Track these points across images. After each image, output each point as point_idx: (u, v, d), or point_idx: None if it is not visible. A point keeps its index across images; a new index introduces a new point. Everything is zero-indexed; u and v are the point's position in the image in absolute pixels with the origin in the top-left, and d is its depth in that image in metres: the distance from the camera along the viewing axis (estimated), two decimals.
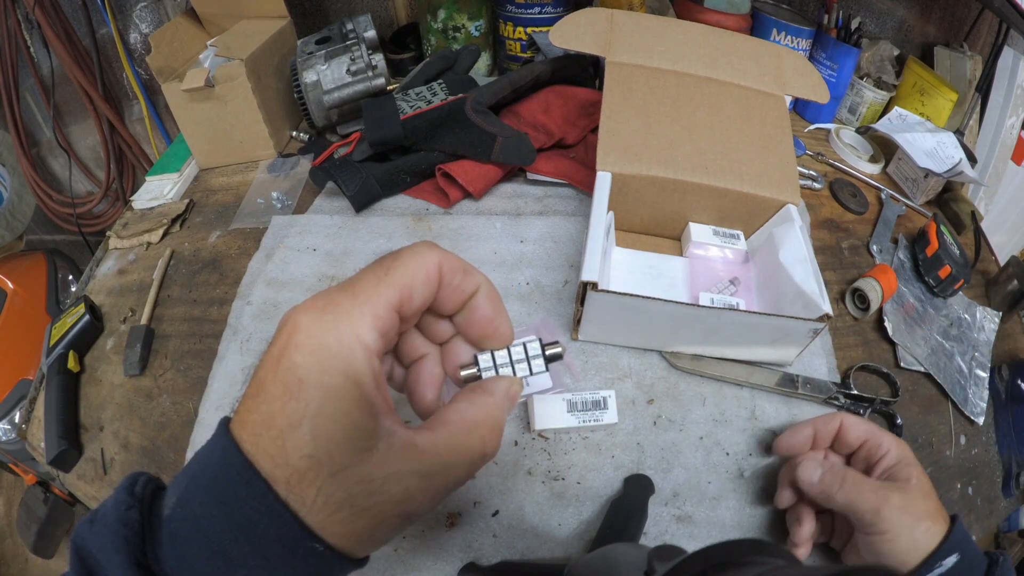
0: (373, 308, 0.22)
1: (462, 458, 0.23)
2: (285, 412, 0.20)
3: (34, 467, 0.95)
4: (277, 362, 0.21)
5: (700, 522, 0.46)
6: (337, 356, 0.20)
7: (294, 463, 0.20)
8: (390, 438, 0.21)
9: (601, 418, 0.48)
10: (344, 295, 0.22)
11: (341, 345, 0.21)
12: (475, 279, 0.26)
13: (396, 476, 0.21)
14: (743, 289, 0.57)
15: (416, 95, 0.70)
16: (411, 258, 0.24)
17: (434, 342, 0.29)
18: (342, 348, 0.21)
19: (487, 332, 0.27)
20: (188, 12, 0.83)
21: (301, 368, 0.20)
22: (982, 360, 0.61)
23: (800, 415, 0.51)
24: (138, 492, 0.22)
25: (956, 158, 0.73)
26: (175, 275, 0.65)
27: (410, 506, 0.22)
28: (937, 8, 0.86)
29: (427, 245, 0.25)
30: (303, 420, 0.20)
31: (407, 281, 0.23)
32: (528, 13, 0.83)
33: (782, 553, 0.22)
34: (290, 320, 0.21)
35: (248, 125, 0.74)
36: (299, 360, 0.20)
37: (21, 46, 1.01)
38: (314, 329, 0.21)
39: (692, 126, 0.58)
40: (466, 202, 0.67)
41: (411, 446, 0.22)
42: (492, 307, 0.27)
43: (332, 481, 0.20)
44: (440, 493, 0.23)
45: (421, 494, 0.22)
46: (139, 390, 0.55)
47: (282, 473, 0.20)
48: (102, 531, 0.20)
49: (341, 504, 0.20)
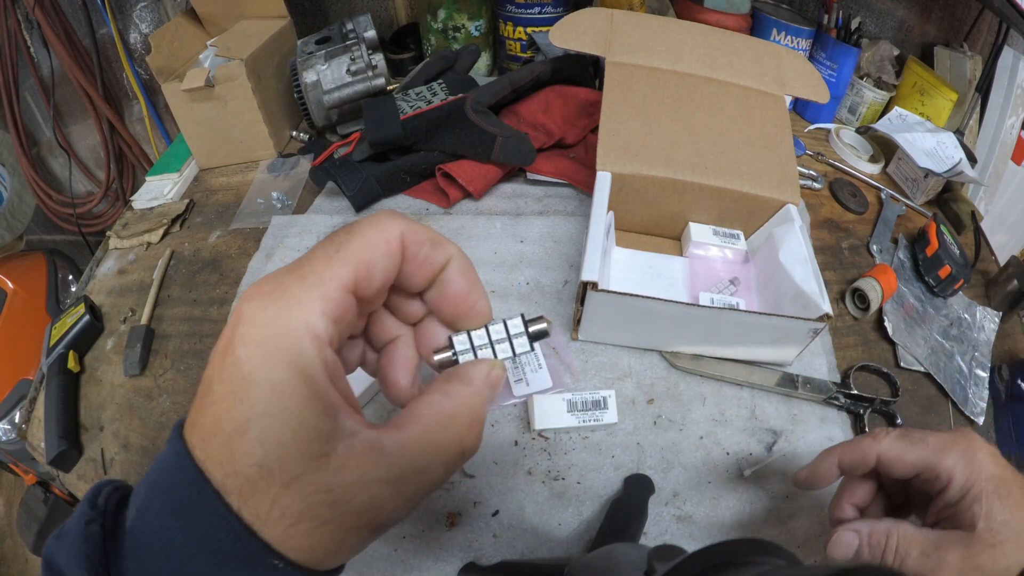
0: (323, 291, 0.19)
1: (436, 459, 0.20)
2: (231, 415, 0.18)
3: (34, 467, 0.95)
4: (223, 358, 0.18)
5: (700, 522, 0.46)
6: (282, 349, 0.18)
7: (244, 472, 0.17)
8: (351, 440, 0.19)
9: (601, 418, 0.48)
10: (292, 277, 0.19)
11: (287, 336, 0.18)
12: (445, 250, 0.23)
13: (360, 483, 0.18)
14: (743, 289, 0.57)
15: (416, 95, 0.70)
16: (369, 229, 0.21)
17: (406, 322, 0.25)
18: (288, 339, 0.18)
19: (462, 310, 0.24)
20: (188, 12, 0.83)
21: (246, 364, 0.18)
22: (982, 360, 0.61)
23: (800, 415, 0.51)
24: (100, 504, 0.20)
25: (956, 158, 0.73)
26: (175, 275, 0.65)
27: (379, 516, 0.19)
28: (937, 8, 0.86)
29: (388, 214, 0.22)
30: (250, 423, 0.17)
31: (364, 256, 0.20)
32: (528, 13, 0.83)
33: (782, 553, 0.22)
34: (236, 309, 0.19)
35: (248, 125, 0.74)
36: (243, 355, 0.18)
37: (21, 46, 1.01)
38: (259, 318, 0.18)
39: (692, 126, 0.58)
40: (466, 202, 0.67)
41: (376, 448, 0.19)
42: (466, 281, 0.23)
43: (287, 492, 0.18)
44: (413, 500, 0.20)
45: (390, 502, 0.19)
46: (139, 390, 0.55)
47: (233, 483, 0.18)
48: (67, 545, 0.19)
49: (299, 516, 0.18)
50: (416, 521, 0.44)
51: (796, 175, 0.57)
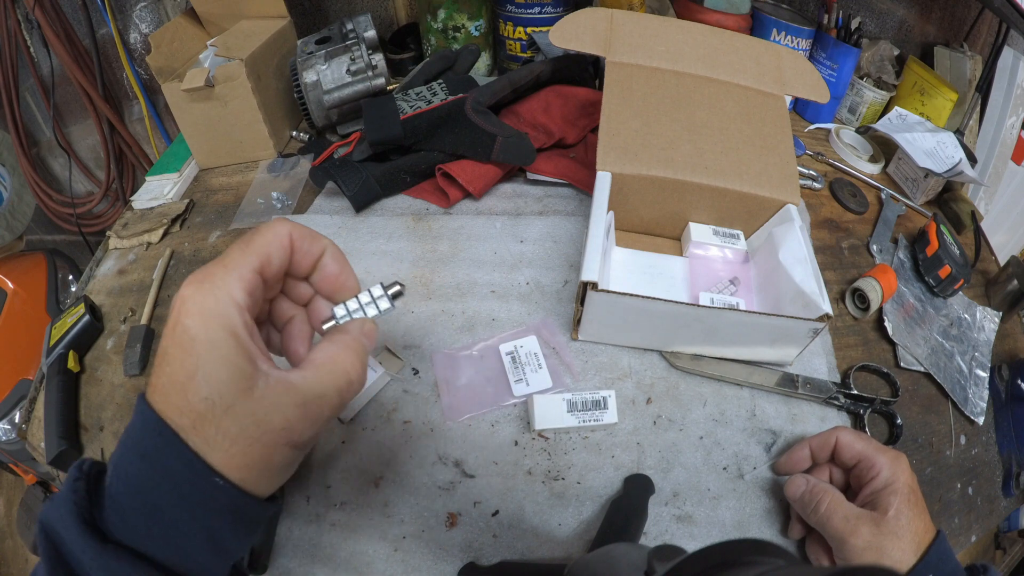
0: (240, 273, 0.26)
1: (331, 387, 0.28)
2: (184, 367, 0.24)
3: (34, 467, 0.95)
4: (173, 329, 0.25)
5: (700, 522, 0.46)
6: (215, 314, 0.25)
7: (195, 406, 0.24)
8: (267, 378, 0.25)
9: (601, 418, 0.48)
10: (217, 267, 0.26)
11: (218, 304, 0.25)
12: (321, 243, 0.31)
13: (276, 407, 0.25)
14: (743, 289, 0.57)
15: (416, 95, 0.70)
16: (267, 230, 0.29)
17: (299, 303, 0.33)
18: (219, 307, 0.25)
19: (336, 286, 0.32)
20: (188, 12, 0.83)
21: (192, 329, 0.24)
22: (982, 360, 0.61)
23: (800, 415, 0.51)
24: (85, 468, 0.25)
25: (956, 158, 0.73)
26: (175, 275, 0.65)
27: (293, 434, 0.26)
28: (937, 8, 0.86)
29: (280, 220, 0.30)
30: (197, 370, 0.24)
31: (265, 249, 0.28)
32: (528, 13, 0.83)
33: (782, 553, 0.22)
34: (178, 295, 0.25)
35: (248, 125, 0.74)
36: (189, 323, 0.24)
37: (21, 46, 1.01)
38: (197, 297, 0.25)
39: (692, 126, 0.58)
40: (466, 202, 0.67)
41: (285, 382, 0.26)
42: (337, 264, 0.31)
43: (226, 418, 0.24)
44: (318, 420, 0.27)
45: (300, 422, 0.26)
46: (139, 390, 0.55)
47: (188, 420, 0.24)
48: (57, 504, 0.24)
49: (236, 438, 0.24)
50: (416, 521, 0.44)
51: (796, 175, 0.57)
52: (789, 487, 0.43)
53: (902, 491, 0.40)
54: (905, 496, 0.39)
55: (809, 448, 0.45)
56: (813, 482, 0.43)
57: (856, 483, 0.43)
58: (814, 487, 0.42)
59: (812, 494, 0.42)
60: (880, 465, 0.41)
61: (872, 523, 0.38)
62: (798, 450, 0.46)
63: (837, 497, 0.41)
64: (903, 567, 0.37)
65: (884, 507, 0.39)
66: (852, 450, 0.43)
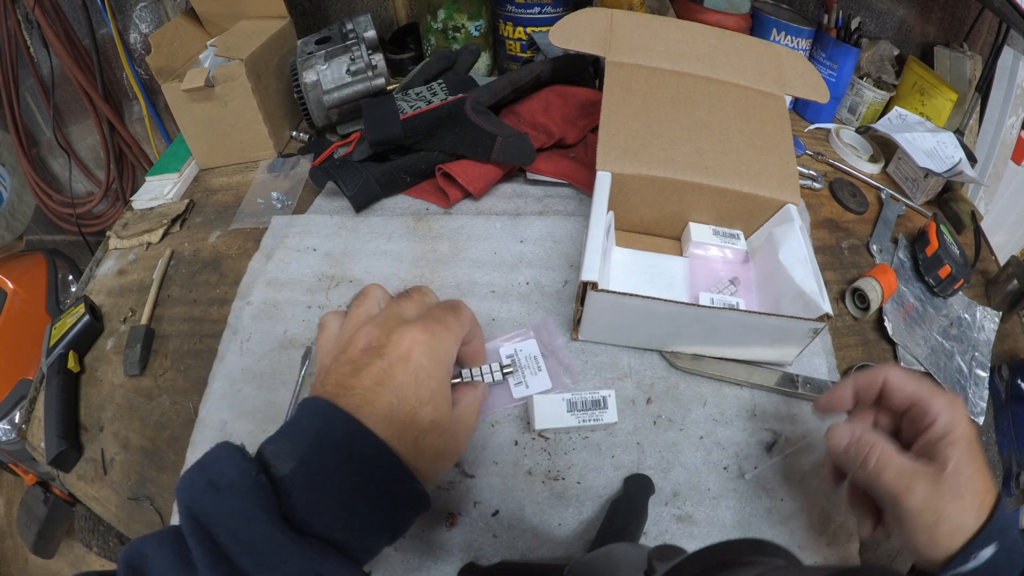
0: (455, 335, 0.35)
1: (469, 420, 0.36)
2: (418, 394, 0.31)
3: (34, 467, 0.95)
4: (406, 362, 0.31)
5: (700, 522, 0.46)
6: (441, 362, 0.33)
7: (421, 426, 0.30)
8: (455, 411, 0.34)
9: (601, 418, 0.48)
10: (439, 326, 0.33)
11: (445, 355, 0.33)
12: (478, 329, 0.40)
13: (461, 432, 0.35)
14: (743, 289, 0.57)
15: (416, 95, 0.70)
16: (466, 310, 0.38)
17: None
18: (446, 357, 0.34)
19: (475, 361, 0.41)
20: (188, 12, 0.83)
21: (425, 368, 0.31)
22: (982, 360, 0.61)
23: (800, 415, 0.51)
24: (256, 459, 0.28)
25: (956, 158, 0.73)
26: (175, 275, 0.65)
27: (460, 448, 0.34)
28: (937, 8, 0.87)
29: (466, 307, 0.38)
30: (432, 397, 0.31)
31: (467, 324, 0.37)
32: (528, 13, 0.83)
33: (782, 553, 0.22)
34: (408, 335, 0.32)
35: (248, 125, 0.74)
36: (425, 362, 0.31)
37: (21, 46, 1.01)
38: (429, 344, 0.32)
39: (692, 126, 0.58)
40: (466, 202, 0.67)
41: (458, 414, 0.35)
42: (478, 341, 0.40)
43: (440, 438, 0.31)
44: (464, 442, 0.35)
45: (465, 442, 0.35)
46: (139, 390, 0.55)
47: (410, 436, 0.30)
48: (234, 497, 0.25)
49: (440, 452, 0.32)
50: (416, 521, 0.44)
51: (796, 175, 0.57)
52: (831, 437, 0.38)
53: (961, 442, 0.34)
54: (965, 448, 0.34)
55: (853, 387, 0.40)
56: (860, 431, 0.37)
57: (908, 431, 0.37)
58: (861, 437, 0.36)
59: (860, 446, 0.36)
60: (936, 410, 0.35)
61: (929, 480, 0.33)
62: (840, 388, 0.40)
63: (888, 449, 0.35)
64: (964, 533, 0.32)
65: (942, 460, 0.34)
66: (903, 392, 0.37)
